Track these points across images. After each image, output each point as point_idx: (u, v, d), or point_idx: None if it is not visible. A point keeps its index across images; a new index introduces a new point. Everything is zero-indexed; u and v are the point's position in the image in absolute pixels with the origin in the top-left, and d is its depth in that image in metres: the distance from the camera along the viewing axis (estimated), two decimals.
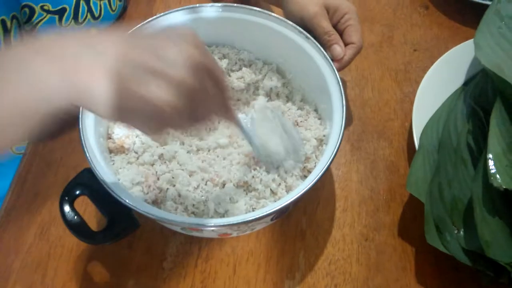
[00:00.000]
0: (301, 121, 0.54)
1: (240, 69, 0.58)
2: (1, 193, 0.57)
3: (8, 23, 0.56)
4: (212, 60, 0.32)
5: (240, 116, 0.51)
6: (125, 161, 0.48)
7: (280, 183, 0.49)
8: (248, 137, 0.45)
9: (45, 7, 0.62)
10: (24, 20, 0.60)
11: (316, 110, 0.56)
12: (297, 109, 0.56)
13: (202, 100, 0.31)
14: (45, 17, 0.63)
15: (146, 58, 0.29)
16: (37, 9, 0.61)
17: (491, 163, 0.46)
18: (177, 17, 0.55)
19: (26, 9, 0.60)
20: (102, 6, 0.68)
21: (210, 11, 0.56)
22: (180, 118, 0.30)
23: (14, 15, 0.57)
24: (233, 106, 0.38)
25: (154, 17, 0.54)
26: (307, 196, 0.56)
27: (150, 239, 0.52)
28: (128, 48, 0.29)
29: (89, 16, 0.67)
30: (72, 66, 0.28)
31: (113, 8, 0.70)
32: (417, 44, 0.71)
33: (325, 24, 0.54)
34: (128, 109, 0.28)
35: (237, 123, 0.40)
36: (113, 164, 0.48)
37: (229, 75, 0.58)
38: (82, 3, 0.65)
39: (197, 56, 0.30)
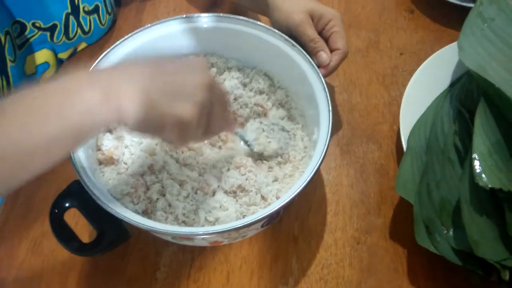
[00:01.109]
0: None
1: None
2: None
3: (2, 39, 0.56)
4: (220, 84, 0.40)
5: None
6: (115, 172, 0.49)
7: (271, 188, 0.50)
8: (245, 140, 0.54)
9: (37, 24, 0.62)
10: (15, 35, 0.61)
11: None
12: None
13: (213, 118, 0.39)
14: (36, 33, 0.63)
15: (174, 86, 0.36)
16: (29, 25, 0.62)
17: (476, 163, 0.46)
18: (166, 27, 0.56)
19: (17, 25, 0.61)
20: (92, 20, 0.68)
21: (198, 21, 0.56)
22: (198, 131, 0.38)
23: (7, 30, 0.58)
24: (233, 121, 0.48)
25: (143, 27, 0.54)
26: (298, 201, 0.56)
27: (143, 249, 0.53)
28: (158, 76, 0.36)
29: (79, 31, 0.67)
30: (114, 93, 0.33)
31: (103, 22, 0.70)
32: (403, 48, 0.72)
33: (310, 32, 0.55)
34: (160, 125, 0.35)
35: (236, 134, 0.52)
36: (103, 175, 0.49)
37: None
38: (71, 18, 0.66)
39: (210, 82, 0.38)
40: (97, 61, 0.51)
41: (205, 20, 0.57)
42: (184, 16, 0.56)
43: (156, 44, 0.56)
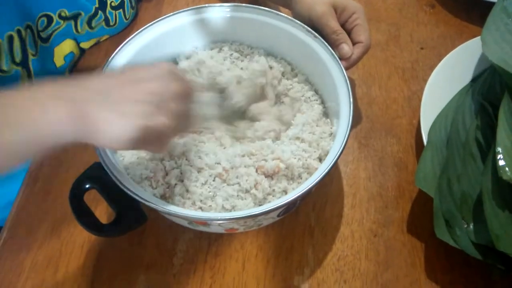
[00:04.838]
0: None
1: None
2: (12, 196, 0.57)
3: (23, 33, 0.57)
4: (186, 85, 0.40)
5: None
6: (135, 156, 0.49)
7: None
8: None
9: (62, 14, 0.63)
10: (41, 29, 0.61)
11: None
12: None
13: (185, 117, 0.40)
14: (62, 25, 0.64)
15: (147, 98, 0.36)
16: (55, 17, 0.63)
17: (500, 156, 0.46)
18: (184, 18, 0.56)
19: (44, 18, 0.61)
20: (117, 15, 0.69)
21: (219, 11, 0.56)
22: (174, 134, 0.40)
23: (29, 25, 0.59)
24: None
25: (161, 18, 0.55)
26: (315, 192, 0.56)
27: (160, 235, 0.53)
28: (127, 92, 0.36)
29: (103, 23, 0.68)
30: (83, 110, 0.33)
31: (127, 17, 0.71)
32: (423, 43, 0.71)
33: (333, 24, 0.55)
34: (140, 140, 0.34)
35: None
36: (123, 159, 0.49)
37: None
38: (100, 12, 0.67)
39: (177, 89, 0.38)
40: (115, 52, 0.51)
41: (226, 10, 0.57)
42: (204, 5, 0.56)
43: (175, 34, 0.56)
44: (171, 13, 0.55)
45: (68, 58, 0.67)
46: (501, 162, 0.45)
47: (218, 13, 0.57)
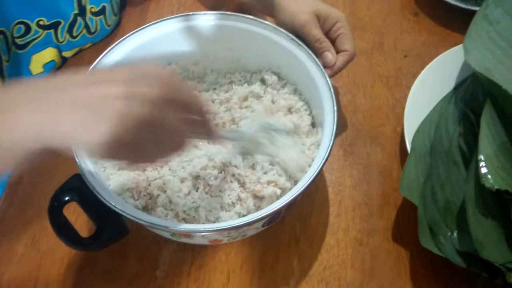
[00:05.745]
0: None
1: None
2: None
3: None
4: (186, 94, 0.35)
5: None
6: (117, 167, 0.48)
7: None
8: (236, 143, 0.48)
9: (41, 22, 0.62)
10: (17, 35, 0.60)
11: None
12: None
13: (172, 132, 0.34)
14: (41, 34, 0.63)
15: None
16: (33, 26, 0.61)
17: (482, 164, 0.46)
18: (168, 26, 0.56)
19: (22, 26, 0.60)
20: (98, 22, 0.68)
21: (204, 19, 0.56)
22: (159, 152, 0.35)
23: (2, 30, 0.58)
24: (215, 127, 0.40)
25: (144, 26, 0.54)
26: (300, 201, 0.56)
27: (143, 247, 0.52)
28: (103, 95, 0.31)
29: (84, 31, 0.67)
30: (53, 115, 0.30)
31: (109, 23, 0.70)
32: (407, 50, 0.71)
33: (316, 32, 0.55)
34: (115, 148, 0.30)
35: (222, 139, 0.44)
36: (104, 170, 0.48)
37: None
38: (79, 19, 0.65)
39: (167, 94, 0.32)
40: (97, 60, 0.50)
41: (211, 18, 0.56)
42: (189, 13, 0.56)
43: (159, 42, 0.55)
44: (156, 21, 0.55)
45: (48, 67, 0.66)
46: (484, 170, 0.45)
47: (203, 21, 0.56)
